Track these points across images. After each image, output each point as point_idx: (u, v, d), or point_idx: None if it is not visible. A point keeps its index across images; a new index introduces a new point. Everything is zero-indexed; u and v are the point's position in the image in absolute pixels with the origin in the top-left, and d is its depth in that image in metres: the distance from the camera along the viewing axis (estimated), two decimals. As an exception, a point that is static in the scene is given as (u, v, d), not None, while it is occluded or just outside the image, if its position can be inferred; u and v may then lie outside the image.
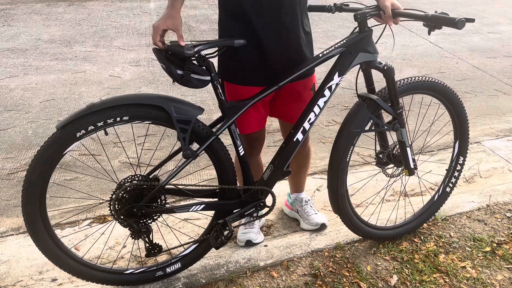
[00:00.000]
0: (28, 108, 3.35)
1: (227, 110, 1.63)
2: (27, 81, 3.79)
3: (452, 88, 2.00)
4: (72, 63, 4.20)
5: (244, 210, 1.76)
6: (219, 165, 1.69)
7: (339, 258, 2.01)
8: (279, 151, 1.78)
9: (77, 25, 5.29)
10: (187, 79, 1.52)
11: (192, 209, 1.69)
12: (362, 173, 2.50)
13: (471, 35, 5.34)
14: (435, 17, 1.54)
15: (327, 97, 1.73)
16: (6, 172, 2.60)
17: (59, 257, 1.64)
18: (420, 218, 2.17)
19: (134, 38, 4.88)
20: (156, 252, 1.69)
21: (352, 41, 1.69)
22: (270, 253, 2.02)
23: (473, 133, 3.18)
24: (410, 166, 1.93)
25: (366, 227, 2.02)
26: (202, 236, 1.84)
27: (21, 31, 5.03)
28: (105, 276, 1.75)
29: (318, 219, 2.15)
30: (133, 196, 1.60)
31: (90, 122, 1.49)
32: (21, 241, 2.06)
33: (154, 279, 1.83)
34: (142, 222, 1.63)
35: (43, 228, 1.58)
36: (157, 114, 1.54)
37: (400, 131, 1.85)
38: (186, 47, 1.48)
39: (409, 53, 4.69)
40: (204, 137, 1.61)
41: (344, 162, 1.82)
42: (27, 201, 1.53)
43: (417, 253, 2.04)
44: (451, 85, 3.93)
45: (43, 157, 1.49)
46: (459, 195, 2.46)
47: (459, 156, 2.12)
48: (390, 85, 1.76)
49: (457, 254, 2.04)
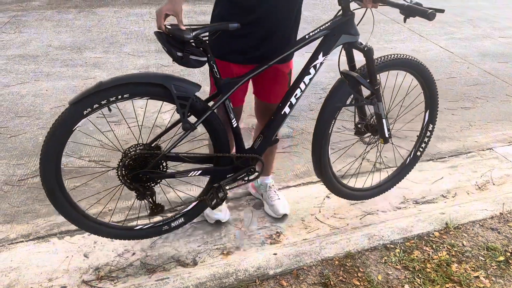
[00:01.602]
0: (38, 114, 3.37)
1: (222, 86, 1.79)
2: (37, 88, 3.82)
3: (423, 63, 2.13)
4: (82, 69, 4.23)
5: (237, 175, 1.96)
6: (215, 135, 1.86)
7: (350, 267, 1.98)
8: (268, 123, 1.96)
9: (87, 32, 5.33)
10: (186, 60, 1.67)
11: (191, 174, 1.89)
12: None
13: (482, 40, 5.28)
14: (410, 7, 1.69)
15: (312, 74, 1.91)
16: (16, 178, 2.61)
17: (75, 217, 1.83)
18: (393, 180, 2.39)
19: (143, 44, 4.90)
20: (159, 211, 1.89)
21: (335, 24, 1.85)
22: (279, 261, 2.00)
23: (485, 140, 3.14)
24: (385, 135, 2.08)
25: (345, 189, 2.24)
26: (200, 196, 2.03)
27: (32, 38, 5.08)
28: (118, 232, 1.95)
29: (281, 209, 2.28)
30: (138, 163, 1.78)
31: (95, 100, 1.64)
32: (31, 248, 2.07)
33: (161, 232, 2.02)
34: (147, 185, 1.83)
35: (60, 191, 1.76)
36: (158, 91, 1.70)
37: (377, 104, 2.00)
38: (185, 31, 1.63)
39: (419, 58, 4.64)
40: (201, 111, 1.77)
41: (327, 134, 2.01)
42: (45, 172, 1.70)
43: (429, 262, 2.01)
44: (463, 90, 3.92)
45: (55, 133, 1.65)
46: (472, 203, 2.42)
47: (429, 124, 2.31)
48: (369, 63, 1.92)
49: (470, 264, 2.01)
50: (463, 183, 2.63)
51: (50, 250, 2.04)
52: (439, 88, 2.31)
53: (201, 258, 2.04)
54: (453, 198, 2.49)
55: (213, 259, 2.03)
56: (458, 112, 3.54)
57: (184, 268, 1.98)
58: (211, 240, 2.15)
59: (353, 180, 2.41)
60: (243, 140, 1.95)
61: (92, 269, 1.96)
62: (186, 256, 2.05)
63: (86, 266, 1.97)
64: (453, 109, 3.58)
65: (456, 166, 2.81)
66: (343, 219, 2.31)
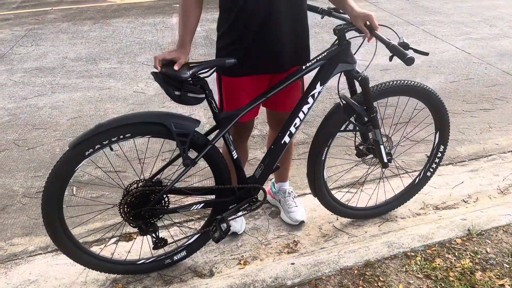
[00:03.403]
0: (55, 126, 3.41)
1: (221, 121, 1.79)
2: (54, 100, 3.88)
3: (426, 85, 2.04)
4: (98, 80, 4.28)
5: (239, 206, 1.95)
6: (215, 168, 1.86)
7: (369, 276, 1.94)
8: (269, 152, 1.96)
9: (102, 43, 5.40)
10: (184, 98, 1.67)
11: (193, 208, 1.87)
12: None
13: (499, 39, 5.18)
14: (393, 47, 1.69)
15: (311, 104, 1.91)
16: (35, 190, 2.64)
17: (77, 255, 1.84)
18: (400, 198, 2.33)
19: (157, 53, 4.94)
20: (162, 245, 1.86)
21: (332, 54, 1.86)
22: (297, 271, 1.97)
23: (507, 142, 3.06)
24: (384, 160, 2.08)
25: (344, 208, 2.22)
26: (202, 228, 2.02)
27: (48, 50, 5.17)
28: (120, 268, 1.94)
29: (298, 216, 2.28)
30: (139, 199, 1.77)
31: (97, 141, 1.65)
32: (49, 260, 2.08)
33: (164, 266, 2.00)
34: (149, 221, 1.81)
35: (62, 231, 1.77)
36: (158, 130, 1.71)
37: (374, 131, 1.99)
38: (182, 71, 1.63)
39: (435, 60, 4.58)
40: (201, 145, 1.77)
41: (320, 160, 2.01)
42: (46, 212, 1.72)
43: (451, 270, 1.95)
44: (481, 92, 3.84)
45: (57, 174, 1.66)
46: (494, 208, 2.35)
47: (440, 145, 2.25)
48: (365, 92, 1.91)
49: (494, 271, 1.94)
50: (484, 187, 2.56)
51: (68, 262, 2.04)
52: (456, 90, 2.28)
53: (218, 269, 2.02)
54: (474, 203, 2.43)
55: (230, 270, 2.01)
56: (477, 114, 3.46)
57: (201, 279, 1.96)
58: (227, 250, 2.13)
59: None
60: (244, 171, 1.94)
61: (109, 281, 1.96)
62: (203, 267, 2.03)
63: (103, 278, 1.97)
64: (472, 111, 3.50)
65: (477, 170, 2.74)
66: (361, 226, 2.27)
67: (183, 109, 3.57)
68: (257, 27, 1.76)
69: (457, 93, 3.82)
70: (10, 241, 2.23)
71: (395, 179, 2.59)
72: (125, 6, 7.14)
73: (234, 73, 1.85)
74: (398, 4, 6.85)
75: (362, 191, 2.45)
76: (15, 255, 2.14)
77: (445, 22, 5.89)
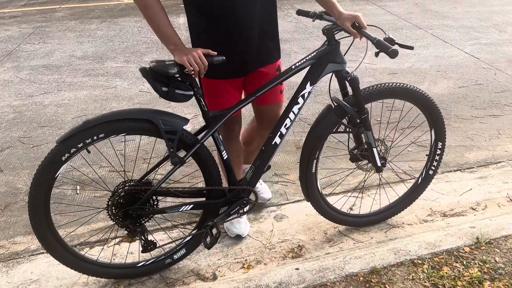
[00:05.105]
0: (60, 124, 3.40)
1: (210, 119, 1.78)
2: (60, 98, 3.87)
3: (408, 84, 2.01)
4: (104, 79, 4.27)
5: (230, 209, 1.92)
6: (205, 168, 1.83)
7: (375, 284, 1.91)
8: (260, 154, 1.94)
9: (109, 41, 5.40)
10: (171, 95, 1.66)
11: (182, 209, 1.84)
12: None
13: (509, 45, 5.12)
14: (378, 41, 1.69)
15: (301, 104, 1.90)
16: (38, 188, 2.62)
17: (75, 263, 1.82)
18: (404, 202, 2.29)
19: (163, 53, 4.92)
20: (151, 248, 1.82)
21: (321, 53, 1.86)
22: (302, 277, 1.94)
23: (516, 149, 3.02)
24: (377, 164, 2.06)
25: (339, 215, 2.18)
26: (197, 226, 1.99)
27: (55, 48, 5.17)
28: (119, 272, 1.92)
29: (265, 195, 2.42)
30: (127, 200, 1.75)
31: (83, 137, 1.62)
32: (51, 260, 2.06)
33: (165, 266, 1.98)
34: (137, 222, 1.79)
35: (53, 238, 1.75)
36: (147, 127, 1.68)
37: (366, 133, 1.97)
38: (169, 67, 1.62)
39: (444, 65, 4.53)
40: (190, 144, 1.75)
41: (311, 162, 1.98)
42: (34, 216, 1.69)
43: (459, 279, 1.91)
44: (490, 97, 3.79)
45: (38, 183, 1.64)
46: (503, 216, 2.31)
47: (437, 141, 2.21)
48: (355, 92, 1.90)
49: (503, 281, 1.90)
50: (493, 195, 2.52)
51: (69, 262, 2.02)
52: (465, 95, 2.25)
53: (221, 272, 1.99)
54: (483, 211, 2.38)
55: (233, 273, 1.98)
56: (486, 120, 3.42)
57: (203, 282, 1.94)
58: (231, 253, 2.10)
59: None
60: (234, 172, 1.92)
61: (111, 282, 1.94)
62: (206, 270, 2.01)
63: (105, 279, 1.95)
64: (481, 117, 3.46)
65: (486, 177, 2.69)
66: (367, 232, 2.23)
67: (187, 110, 3.55)
68: (224, 34, 1.79)
69: (466, 99, 3.77)
70: (13, 240, 2.22)
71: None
72: (133, 5, 7.14)
73: (211, 75, 1.85)
74: (407, 8, 6.80)
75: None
76: (17, 253, 2.12)
77: (454, 26, 5.84)
